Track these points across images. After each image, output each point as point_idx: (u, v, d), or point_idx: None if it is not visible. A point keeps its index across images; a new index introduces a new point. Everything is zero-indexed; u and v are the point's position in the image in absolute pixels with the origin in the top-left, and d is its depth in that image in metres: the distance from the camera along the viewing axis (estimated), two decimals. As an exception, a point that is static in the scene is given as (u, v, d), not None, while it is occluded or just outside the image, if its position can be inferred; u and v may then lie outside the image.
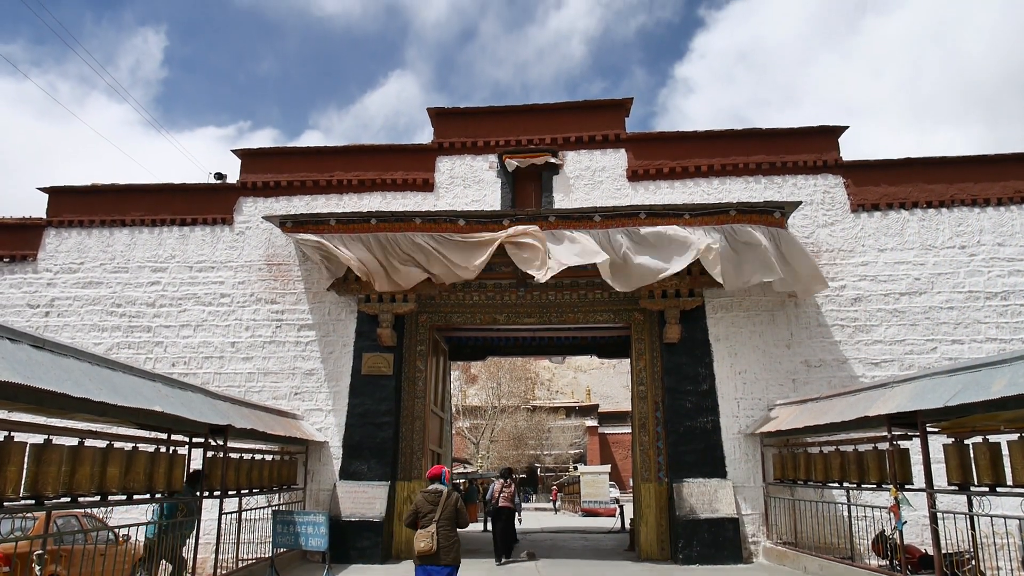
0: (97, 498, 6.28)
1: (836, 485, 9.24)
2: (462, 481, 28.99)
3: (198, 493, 8.23)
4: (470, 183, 13.44)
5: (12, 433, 5.24)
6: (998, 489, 6.54)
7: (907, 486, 7.82)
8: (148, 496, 6.99)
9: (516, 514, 13.72)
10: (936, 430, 7.53)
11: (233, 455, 9.19)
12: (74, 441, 6.05)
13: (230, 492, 9.00)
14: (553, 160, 13.18)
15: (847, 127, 13.14)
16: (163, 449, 7.33)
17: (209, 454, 8.33)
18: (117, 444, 6.57)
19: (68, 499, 5.89)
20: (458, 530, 6.85)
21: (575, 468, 40.67)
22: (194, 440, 7.99)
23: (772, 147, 13.10)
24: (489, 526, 15.56)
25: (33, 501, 5.47)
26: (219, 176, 14.99)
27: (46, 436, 5.66)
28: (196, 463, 8.08)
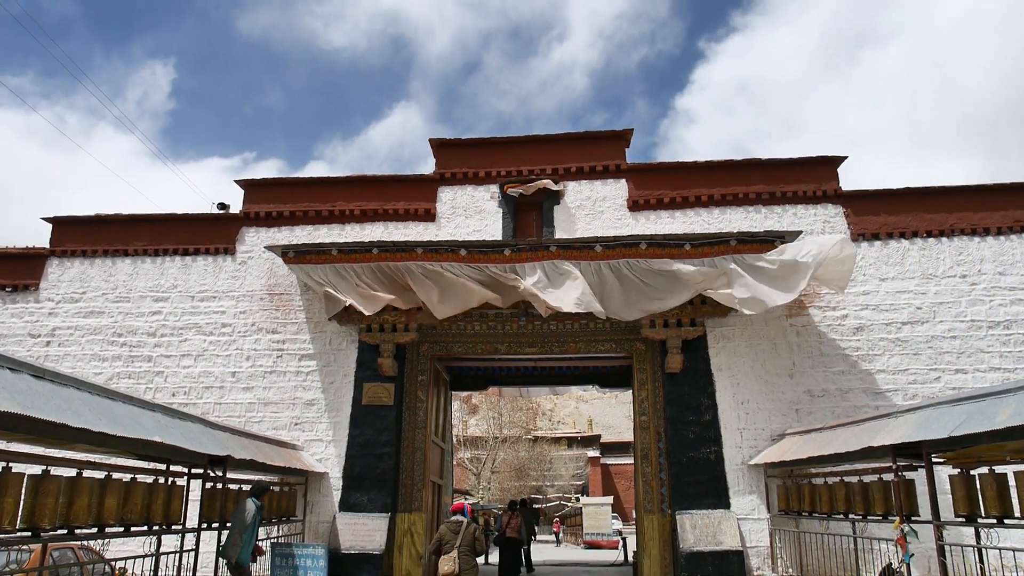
0: (94, 530, 6.22)
1: (841, 517, 9.13)
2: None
3: (263, 505, 8.44)
4: (471, 213, 13.51)
5: (10, 464, 5.21)
6: (1006, 521, 6.45)
7: (913, 518, 7.72)
8: (145, 528, 6.92)
9: (525, 545, 13.61)
10: (941, 460, 7.46)
11: (232, 486, 9.11)
12: (72, 472, 6.01)
13: (228, 524, 8.90)
14: (553, 187, 13.22)
15: (846, 157, 13.23)
16: (161, 480, 7.27)
17: (208, 485, 8.26)
18: (115, 475, 6.52)
19: (65, 531, 5.83)
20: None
21: (577, 499, 40.24)
22: (193, 471, 7.93)
23: (772, 177, 13.18)
24: (493, 557, 15.40)
25: (29, 533, 5.42)
26: (222, 206, 15.09)
27: (44, 467, 5.62)
28: (195, 494, 8.01)
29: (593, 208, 13.34)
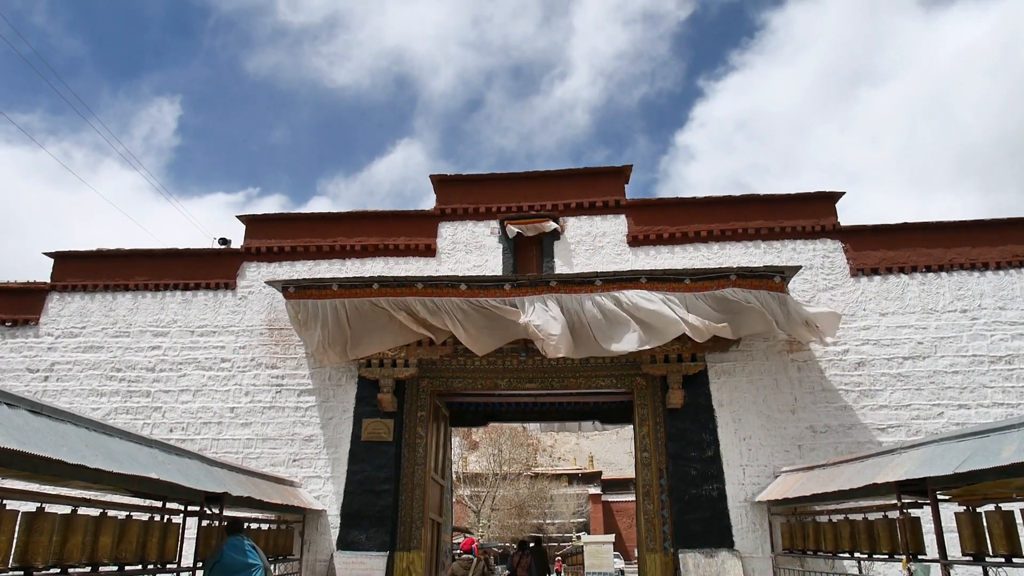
0: (88, 569, 6.12)
1: (847, 556, 9.00)
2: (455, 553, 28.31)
3: (248, 544, 8.15)
4: (472, 248, 13.57)
5: (3, 501, 5.15)
6: (1014, 560, 6.35)
7: (920, 556, 7.60)
8: (140, 567, 6.81)
9: None
10: (947, 498, 7.38)
11: (228, 524, 8.97)
12: (67, 509, 5.93)
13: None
14: (554, 226, 13.33)
15: (844, 192, 13.33)
16: (157, 518, 7.17)
17: (204, 523, 8.14)
18: (110, 512, 6.44)
19: (58, 570, 5.74)
20: None
21: (578, 537, 39.68)
22: (189, 508, 7.83)
23: (771, 212, 13.27)
24: None
25: (22, 572, 5.33)
26: (223, 241, 15.17)
27: (39, 504, 5.55)
28: (191, 532, 7.90)
29: (593, 243, 13.41)
